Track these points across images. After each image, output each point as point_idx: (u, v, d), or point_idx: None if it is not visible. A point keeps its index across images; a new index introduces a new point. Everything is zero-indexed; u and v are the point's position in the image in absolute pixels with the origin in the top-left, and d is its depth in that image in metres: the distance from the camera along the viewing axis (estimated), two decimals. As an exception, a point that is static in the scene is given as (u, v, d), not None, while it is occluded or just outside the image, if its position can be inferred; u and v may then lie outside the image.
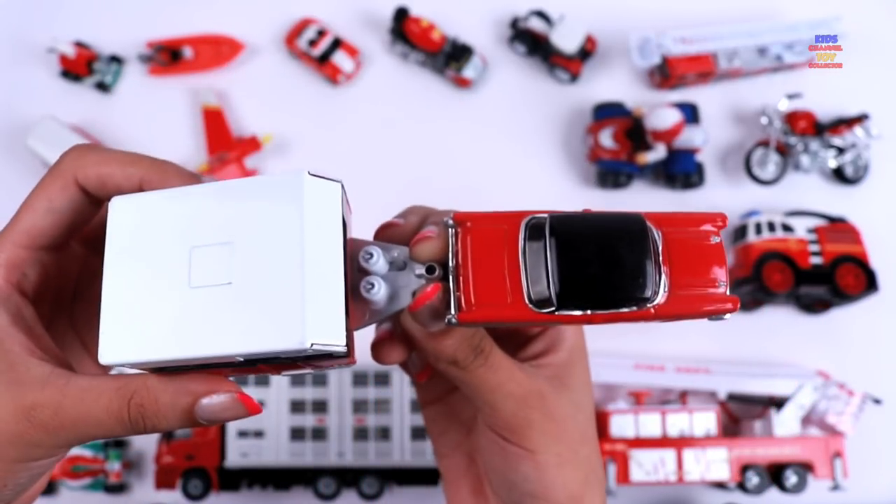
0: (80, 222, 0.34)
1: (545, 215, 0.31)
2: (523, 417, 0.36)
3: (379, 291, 0.31)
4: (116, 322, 0.28)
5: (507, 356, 0.36)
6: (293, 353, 0.26)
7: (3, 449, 0.30)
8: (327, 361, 0.30)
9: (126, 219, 0.29)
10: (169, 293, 0.27)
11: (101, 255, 0.31)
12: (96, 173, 0.32)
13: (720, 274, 0.30)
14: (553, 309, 0.29)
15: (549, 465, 0.36)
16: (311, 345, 0.26)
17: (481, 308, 0.29)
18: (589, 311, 0.29)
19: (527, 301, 0.29)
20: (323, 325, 0.26)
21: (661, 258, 0.30)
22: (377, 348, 0.36)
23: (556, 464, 0.36)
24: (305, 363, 0.29)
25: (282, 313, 0.25)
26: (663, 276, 0.30)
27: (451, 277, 0.30)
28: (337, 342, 0.27)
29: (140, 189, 0.32)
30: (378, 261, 0.31)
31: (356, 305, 0.31)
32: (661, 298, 0.30)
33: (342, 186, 0.30)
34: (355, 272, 0.32)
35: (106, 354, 0.27)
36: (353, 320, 0.31)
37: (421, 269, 0.31)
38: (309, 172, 0.28)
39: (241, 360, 0.27)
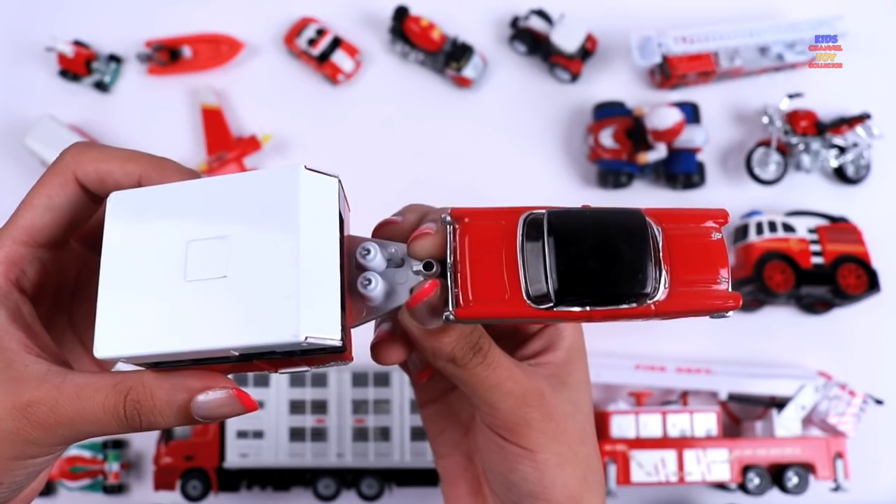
0: (79, 220, 0.34)
1: (543, 211, 0.30)
2: (522, 416, 0.35)
3: (376, 287, 0.30)
4: (112, 316, 0.28)
5: (506, 354, 0.35)
6: (288, 346, 0.26)
7: (1, 446, 0.29)
8: (324, 357, 0.29)
9: (123, 214, 0.29)
10: (164, 287, 0.27)
11: (100, 253, 0.31)
12: (95, 170, 0.32)
13: (722, 271, 0.30)
14: (551, 305, 0.29)
15: (549, 464, 0.36)
16: (306, 338, 0.25)
17: (479, 304, 0.29)
18: (588, 308, 0.29)
19: (525, 297, 0.29)
20: (318, 319, 0.26)
21: (661, 254, 0.30)
22: (377, 349, 0.35)
23: (556, 463, 0.36)
24: (302, 359, 0.29)
25: (276, 306, 0.25)
26: (663, 273, 0.29)
27: (448, 274, 0.30)
28: (332, 336, 0.26)
29: (139, 186, 0.32)
30: (375, 257, 0.31)
31: (353, 302, 0.31)
32: (661, 295, 0.29)
33: (339, 182, 0.30)
34: (353, 269, 0.31)
35: (101, 348, 0.27)
36: (351, 317, 0.31)
37: (419, 266, 0.31)
38: (306, 167, 0.28)
39: (237, 354, 0.27)
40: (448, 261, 0.30)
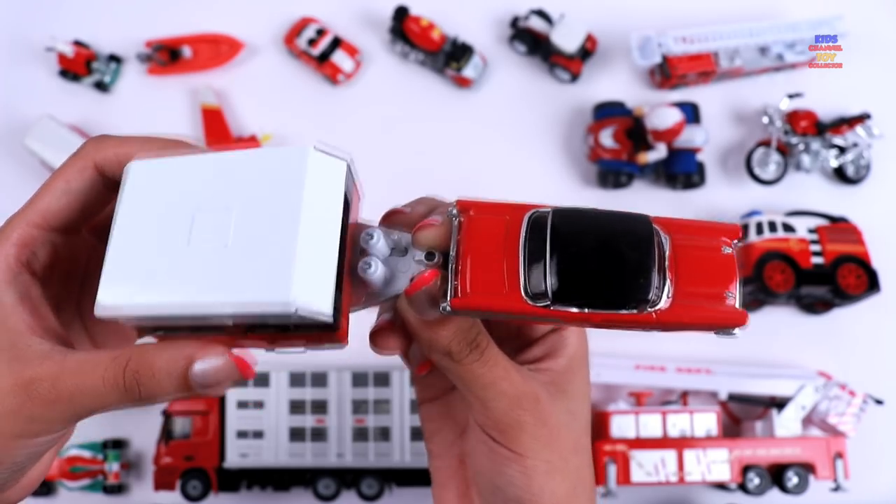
0: (94, 206, 0.34)
1: (549, 209, 0.30)
2: (515, 419, 0.35)
3: (376, 271, 0.31)
4: (116, 276, 0.28)
5: (504, 355, 0.35)
6: (278, 315, 0.26)
7: (2, 423, 0.30)
8: (318, 336, 0.30)
9: (140, 180, 0.30)
10: (169, 252, 0.28)
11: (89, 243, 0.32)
12: (115, 153, 0.33)
13: (730, 286, 0.29)
14: (548, 303, 0.29)
15: (538, 471, 0.35)
16: (296, 308, 0.26)
17: (476, 296, 0.29)
18: (586, 310, 0.29)
19: (523, 293, 0.29)
20: (310, 291, 0.26)
21: (666, 263, 0.29)
22: (375, 336, 0.35)
23: (545, 471, 0.35)
24: (296, 336, 0.29)
25: (271, 275, 0.26)
26: (668, 282, 0.29)
27: (450, 265, 0.30)
28: (323, 309, 0.27)
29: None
30: (378, 242, 0.31)
31: (354, 287, 0.32)
32: (663, 304, 0.29)
33: (349, 165, 0.30)
34: (357, 253, 0.32)
35: (102, 306, 0.28)
36: (350, 300, 0.31)
37: (421, 256, 0.31)
38: (316, 147, 0.29)
39: (231, 323, 0.28)
40: (451, 253, 0.30)
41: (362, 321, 0.34)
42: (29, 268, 0.32)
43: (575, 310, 0.29)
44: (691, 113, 0.97)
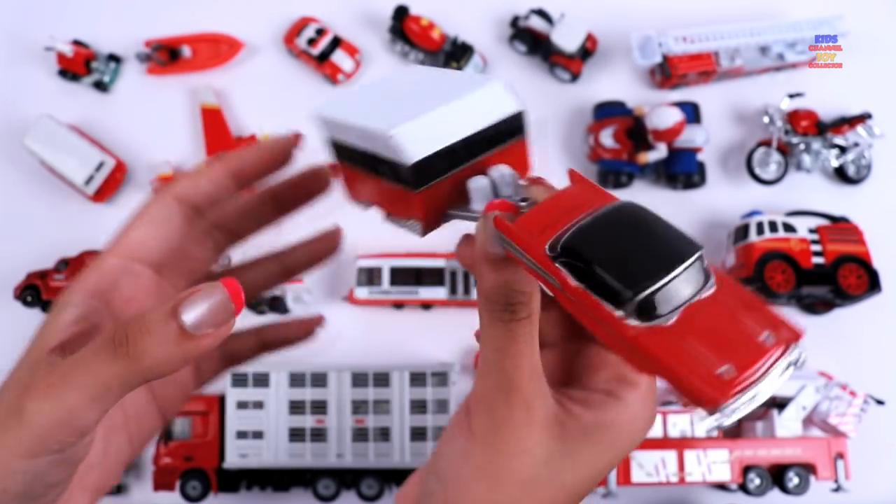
0: (175, 236, 0.37)
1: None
2: (492, 405, 0.31)
3: (475, 183, 0.35)
4: (334, 99, 0.39)
5: (535, 346, 0.32)
6: (380, 135, 0.32)
7: (2, 439, 0.29)
8: (405, 196, 0.34)
9: (379, 76, 0.41)
10: (370, 101, 0.38)
11: (168, 278, 0.37)
12: (190, 183, 0.37)
13: (737, 365, 0.24)
14: (554, 256, 0.28)
15: (475, 461, 0.32)
16: (392, 135, 0.32)
17: (515, 228, 0.30)
18: (576, 283, 0.27)
19: (548, 245, 0.29)
20: (413, 137, 0.32)
21: (690, 300, 0.26)
22: (464, 238, 0.35)
23: (480, 466, 0.32)
24: (398, 179, 0.34)
25: (397, 119, 0.33)
26: (672, 314, 0.25)
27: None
28: (413, 151, 0.32)
29: (224, 181, 0.38)
30: (497, 172, 0.36)
31: (462, 194, 0.36)
32: (648, 325, 0.25)
33: (522, 113, 0.37)
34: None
35: (320, 107, 0.37)
36: (449, 197, 0.36)
37: (517, 198, 0.34)
38: (502, 85, 0.35)
39: (362, 150, 0.35)
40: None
41: (360, 322, 0.34)
42: (103, 297, 0.34)
43: (569, 277, 0.27)
44: (692, 113, 0.96)
